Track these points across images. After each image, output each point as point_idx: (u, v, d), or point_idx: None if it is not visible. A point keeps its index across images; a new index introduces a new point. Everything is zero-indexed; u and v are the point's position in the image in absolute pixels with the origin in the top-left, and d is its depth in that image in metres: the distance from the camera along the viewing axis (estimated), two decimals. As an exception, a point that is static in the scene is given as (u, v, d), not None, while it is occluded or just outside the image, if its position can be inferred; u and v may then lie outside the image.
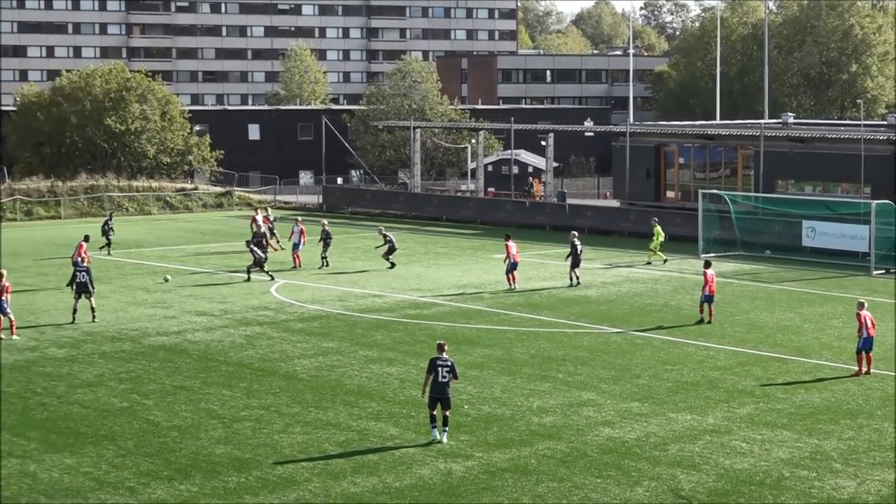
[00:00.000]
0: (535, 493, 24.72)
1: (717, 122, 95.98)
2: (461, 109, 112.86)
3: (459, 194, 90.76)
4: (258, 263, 51.33)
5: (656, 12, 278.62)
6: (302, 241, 56.36)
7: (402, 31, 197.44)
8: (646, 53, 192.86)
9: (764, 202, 64.17)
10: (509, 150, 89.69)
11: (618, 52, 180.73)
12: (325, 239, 56.14)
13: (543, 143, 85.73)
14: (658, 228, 57.40)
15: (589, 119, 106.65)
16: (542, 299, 47.75)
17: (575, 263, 50.65)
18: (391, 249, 55.35)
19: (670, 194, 74.79)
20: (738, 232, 61.47)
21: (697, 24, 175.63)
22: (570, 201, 77.66)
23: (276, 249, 56.65)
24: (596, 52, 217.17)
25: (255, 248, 51.99)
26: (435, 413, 27.91)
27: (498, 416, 30.23)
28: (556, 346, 38.73)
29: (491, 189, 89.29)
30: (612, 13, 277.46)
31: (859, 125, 77.41)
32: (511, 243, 50.05)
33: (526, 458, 26.92)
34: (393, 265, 55.05)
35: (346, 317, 43.62)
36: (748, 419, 30.25)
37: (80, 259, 48.65)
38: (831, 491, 24.94)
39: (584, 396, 32.38)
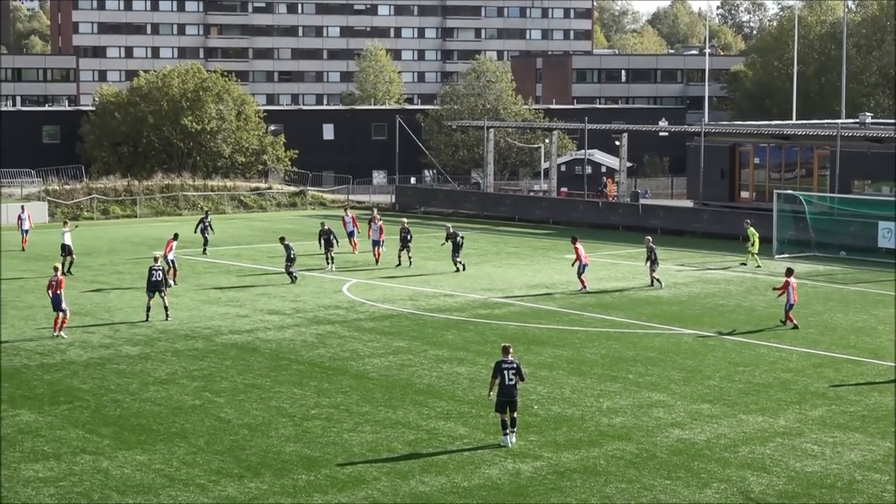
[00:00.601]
0: (603, 494, 24.64)
1: (794, 122, 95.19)
2: (535, 109, 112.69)
3: (532, 194, 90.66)
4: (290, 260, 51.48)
5: (733, 11, 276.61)
6: (381, 238, 56.55)
7: (477, 31, 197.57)
8: (722, 53, 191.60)
9: (840, 203, 63.55)
10: (583, 150, 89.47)
11: (693, 52, 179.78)
12: (405, 237, 55.87)
13: (617, 143, 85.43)
14: (752, 230, 56.43)
15: (663, 119, 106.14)
16: (613, 300, 47.60)
17: (654, 266, 50.13)
18: (456, 247, 54.54)
19: (745, 195, 74.23)
20: (812, 233, 60.90)
21: (775, 23, 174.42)
22: (643, 201, 77.25)
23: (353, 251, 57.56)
24: (671, 51, 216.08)
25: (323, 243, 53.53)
26: (505, 418, 27.74)
27: (567, 417, 30.17)
28: (626, 347, 38.59)
29: (564, 189, 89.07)
30: (689, 12, 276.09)
31: (938, 125, 76.52)
32: (579, 245, 49.78)
33: (595, 459, 26.84)
34: (462, 267, 54.48)
35: (416, 316, 43.72)
36: (820, 421, 29.98)
37: (165, 256, 49.48)
38: (903, 495, 24.68)
39: (655, 397, 32.24)
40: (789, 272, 41.88)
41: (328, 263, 54.97)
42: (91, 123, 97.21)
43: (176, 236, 52.19)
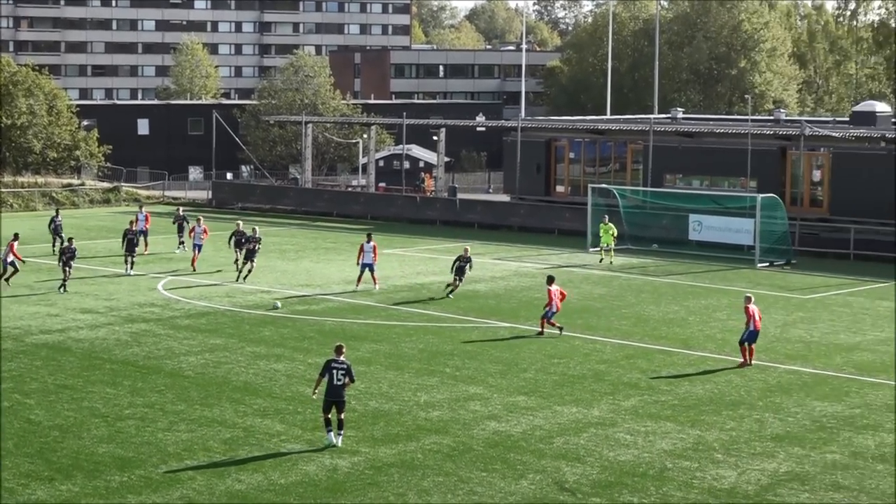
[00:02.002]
0: (420, 488, 24.72)
1: (608, 117, 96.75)
2: (353, 104, 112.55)
3: (350, 189, 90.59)
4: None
5: (549, 7, 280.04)
6: (203, 241, 54.76)
7: (295, 26, 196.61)
8: (538, 49, 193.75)
9: (652, 196, 64.84)
10: (401, 146, 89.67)
11: (510, 48, 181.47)
12: (239, 241, 52.14)
13: (435, 138, 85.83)
14: (606, 226, 55.89)
15: (481, 114, 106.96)
16: (430, 294, 47.79)
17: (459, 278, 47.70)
18: (249, 253, 49.98)
19: (560, 189, 75.21)
20: (626, 226, 62.00)
21: (590, 19, 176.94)
22: (460, 196, 77.79)
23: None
24: (489, 47, 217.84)
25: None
26: (330, 417, 27.49)
27: (385, 412, 30.19)
28: (444, 341, 38.79)
29: (382, 184, 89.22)
30: (506, 8, 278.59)
31: (747, 120, 78.50)
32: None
33: (412, 453, 26.91)
34: (247, 274, 50.21)
35: (233, 313, 43.31)
36: (633, 411, 30.53)
37: (9, 259, 48.16)
38: (712, 481, 25.25)
39: (472, 391, 32.47)
40: (550, 280, 40.78)
41: (180, 247, 55.79)
42: None
43: (16, 236, 50.62)
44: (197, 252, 54.18)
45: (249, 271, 50.22)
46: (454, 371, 34.72)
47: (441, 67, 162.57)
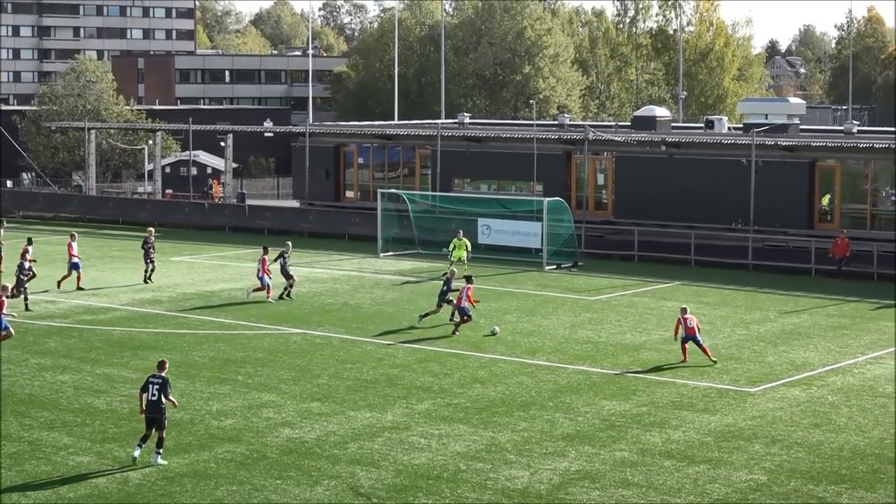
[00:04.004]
0: (214, 497, 24.44)
1: (396, 122, 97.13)
2: (138, 110, 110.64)
3: (136, 196, 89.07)
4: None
5: (335, 13, 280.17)
6: None
7: (76, 30, 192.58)
8: (325, 54, 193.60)
9: (441, 201, 65.30)
10: (187, 152, 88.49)
11: (297, 53, 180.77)
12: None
13: (222, 143, 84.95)
14: (457, 241, 54.32)
15: (268, 120, 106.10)
16: (221, 301, 47.29)
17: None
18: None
19: (350, 194, 75.18)
20: (416, 230, 62.32)
21: (376, 24, 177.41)
22: (249, 202, 77.18)
23: None
24: (275, 52, 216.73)
25: None
26: (150, 433, 26.64)
27: (176, 421, 29.72)
28: (235, 349, 38.43)
29: (169, 191, 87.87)
30: (292, 13, 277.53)
31: (532, 125, 79.67)
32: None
33: (205, 462, 26.59)
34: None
35: (17, 324, 42.08)
36: (426, 415, 30.70)
37: None
38: (506, 482, 25.54)
39: (265, 398, 32.24)
40: (469, 279, 41.35)
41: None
42: None
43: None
44: None
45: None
46: (246, 378, 34.43)
47: (227, 73, 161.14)
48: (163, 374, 26.96)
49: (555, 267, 56.82)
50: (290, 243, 50.22)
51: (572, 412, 31.07)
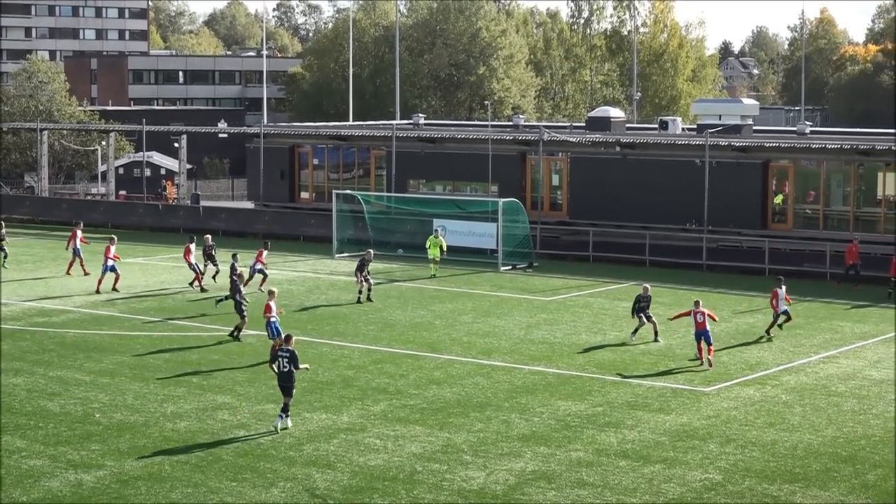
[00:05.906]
0: (169, 500, 24.32)
1: (351, 123, 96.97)
2: (91, 111, 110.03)
3: (90, 198, 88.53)
4: None
5: (289, 13, 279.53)
6: None
7: (28, 30, 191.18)
8: (279, 55, 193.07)
9: (396, 202, 65.26)
10: (141, 153, 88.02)
11: (251, 54, 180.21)
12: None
13: (176, 144, 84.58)
14: (432, 238, 54.61)
15: (222, 121, 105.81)
16: (175, 303, 47.09)
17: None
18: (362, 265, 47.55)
19: (304, 195, 75.01)
20: (371, 232, 62.23)
21: (330, 25, 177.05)
22: (203, 203, 76.87)
23: None
24: (229, 53, 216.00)
25: None
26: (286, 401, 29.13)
27: (131, 424, 29.58)
28: (190, 351, 38.25)
29: (122, 192, 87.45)
30: (246, 14, 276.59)
31: (487, 126, 79.72)
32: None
33: (160, 465, 26.46)
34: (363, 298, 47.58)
35: (-30, 327, 41.84)
36: (382, 416, 30.66)
37: None
38: (462, 483, 25.55)
39: (220, 400, 32.11)
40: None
41: None
42: None
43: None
44: None
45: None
46: (201, 380, 34.28)
47: (181, 73, 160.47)
48: (290, 347, 29.20)
49: (510, 268, 56.89)
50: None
51: (528, 413, 31.12)
